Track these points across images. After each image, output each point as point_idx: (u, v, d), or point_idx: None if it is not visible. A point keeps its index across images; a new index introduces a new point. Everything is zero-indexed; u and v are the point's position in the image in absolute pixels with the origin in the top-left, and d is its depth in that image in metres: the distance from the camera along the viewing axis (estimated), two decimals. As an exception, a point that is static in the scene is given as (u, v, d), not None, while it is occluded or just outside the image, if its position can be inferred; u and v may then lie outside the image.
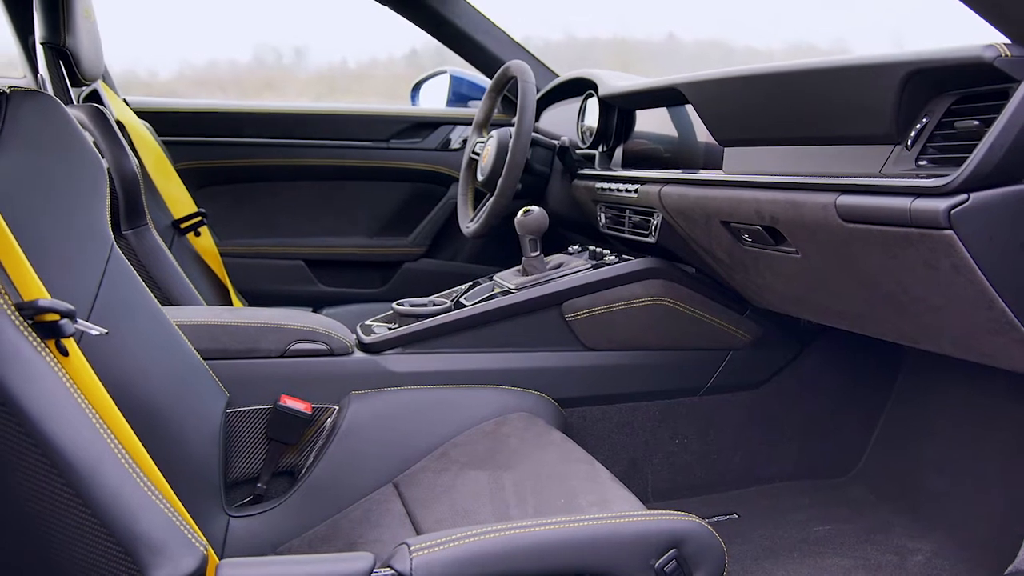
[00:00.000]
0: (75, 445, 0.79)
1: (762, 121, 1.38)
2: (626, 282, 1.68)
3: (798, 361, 1.84)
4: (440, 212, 2.66)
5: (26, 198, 1.09)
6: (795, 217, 1.25)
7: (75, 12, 1.77)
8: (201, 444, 1.33)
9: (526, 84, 1.89)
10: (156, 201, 2.01)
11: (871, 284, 1.25)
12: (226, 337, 1.48)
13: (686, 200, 1.52)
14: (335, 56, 6.01)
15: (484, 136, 2.16)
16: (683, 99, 1.60)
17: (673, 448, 1.78)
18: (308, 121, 2.60)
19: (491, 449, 1.42)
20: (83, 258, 1.18)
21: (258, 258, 2.56)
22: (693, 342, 1.75)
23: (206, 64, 5.87)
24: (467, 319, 1.62)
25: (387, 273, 2.67)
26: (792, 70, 1.26)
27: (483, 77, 2.66)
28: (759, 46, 5.74)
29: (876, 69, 1.11)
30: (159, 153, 2.15)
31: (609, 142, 1.99)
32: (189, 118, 2.54)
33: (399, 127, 2.64)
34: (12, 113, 1.12)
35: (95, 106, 1.68)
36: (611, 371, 1.70)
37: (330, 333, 1.54)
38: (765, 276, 1.50)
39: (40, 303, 0.81)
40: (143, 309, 1.28)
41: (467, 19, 2.49)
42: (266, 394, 1.46)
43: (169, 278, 1.73)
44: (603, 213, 1.90)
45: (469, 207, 2.17)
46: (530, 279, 1.70)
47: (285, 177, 2.59)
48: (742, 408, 1.82)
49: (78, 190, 1.20)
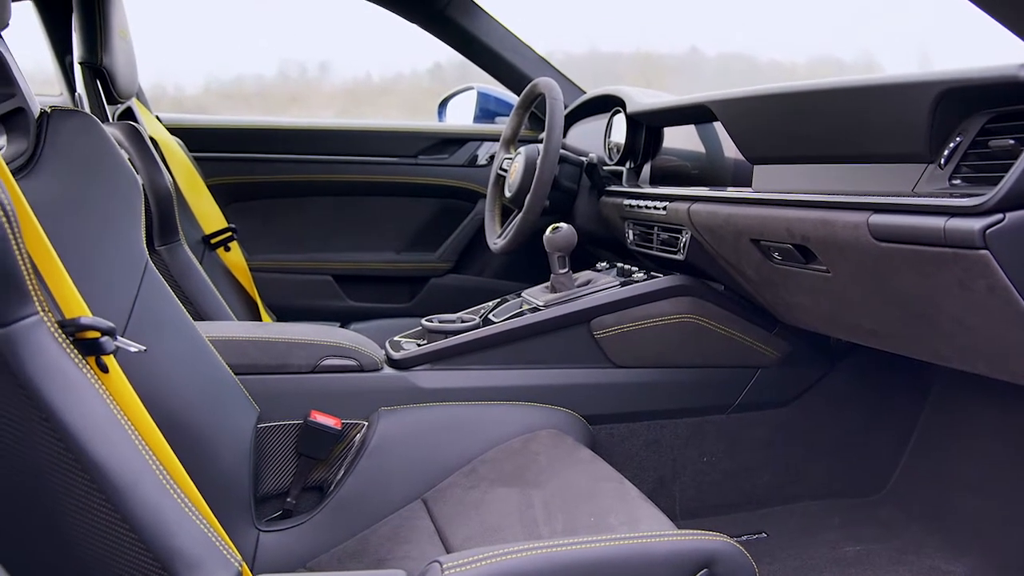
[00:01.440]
0: (115, 462, 0.80)
1: (792, 139, 1.38)
2: (655, 299, 1.68)
3: (828, 379, 1.83)
4: (467, 228, 2.67)
5: (65, 215, 1.11)
6: (826, 236, 1.24)
7: (112, 32, 1.81)
8: (232, 459, 1.34)
9: (554, 101, 1.90)
10: (187, 217, 2.04)
11: (904, 303, 1.24)
12: (257, 352, 1.49)
13: (715, 218, 1.52)
14: (359, 70, 6.05)
15: (512, 152, 2.17)
16: (712, 116, 1.60)
17: (701, 466, 1.77)
18: (336, 137, 2.63)
19: (520, 466, 1.42)
20: (119, 274, 1.20)
21: (287, 273, 2.58)
22: (722, 359, 1.74)
23: (233, 79, 5.92)
24: (496, 336, 1.63)
25: (414, 288, 2.68)
26: (824, 88, 1.26)
27: (510, 93, 2.68)
28: (783, 60, 5.70)
29: (909, 88, 1.11)
30: (190, 169, 2.18)
31: (637, 159, 2.00)
32: (220, 134, 2.57)
33: (427, 143, 2.65)
34: (52, 132, 1.14)
35: (130, 124, 1.71)
36: (639, 388, 1.70)
37: (360, 349, 1.55)
38: (795, 294, 1.50)
39: (82, 321, 0.82)
40: (177, 324, 1.29)
41: (495, 36, 2.51)
42: (296, 409, 1.47)
43: (201, 293, 1.74)
44: (631, 230, 1.90)
45: (497, 223, 2.18)
46: (559, 296, 1.70)
47: (314, 193, 2.62)
48: (771, 426, 1.80)
49: (115, 207, 1.22)
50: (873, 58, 4.84)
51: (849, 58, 5.13)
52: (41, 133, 1.14)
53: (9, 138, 1.14)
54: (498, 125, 2.74)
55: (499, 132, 2.48)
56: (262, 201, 2.59)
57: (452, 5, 2.44)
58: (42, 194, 1.05)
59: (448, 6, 2.44)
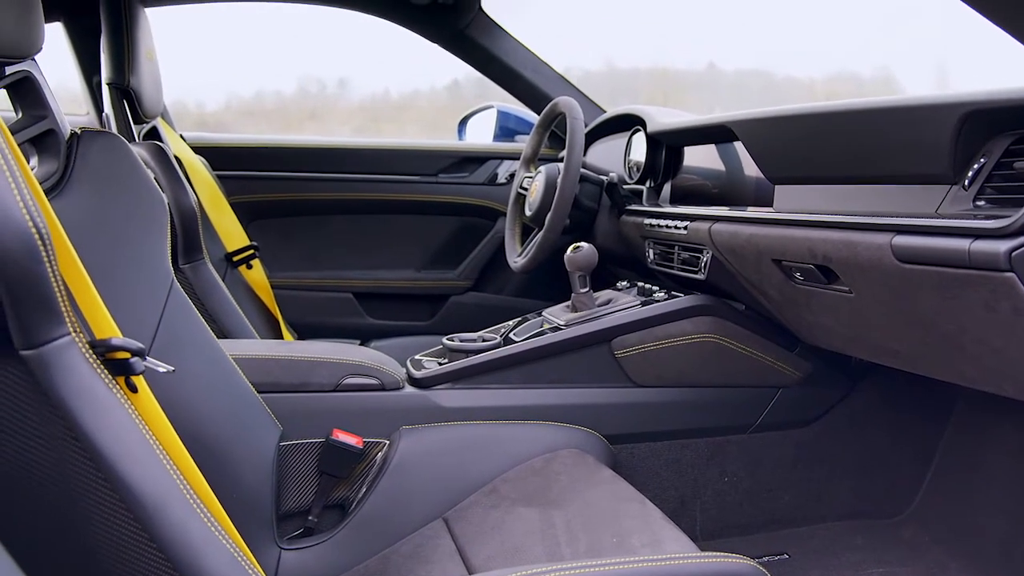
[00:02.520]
0: (143, 482, 0.81)
1: (814, 159, 1.38)
2: (676, 319, 1.68)
3: (850, 398, 1.82)
4: (487, 246, 2.68)
5: (94, 234, 1.13)
6: (849, 257, 1.24)
7: (139, 54, 1.83)
8: (255, 477, 1.34)
9: (574, 121, 1.91)
10: (210, 234, 2.06)
11: (928, 325, 1.24)
12: (279, 371, 1.50)
13: (737, 238, 1.52)
14: (378, 86, 6.09)
15: (532, 171, 2.18)
16: (732, 136, 1.60)
17: (722, 486, 1.77)
18: (357, 156, 2.65)
19: (541, 486, 1.42)
20: (145, 293, 1.21)
21: (307, 290, 2.60)
22: (743, 379, 1.74)
23: (253, 95, 5.98)
24: (517, 355, 1.63)
25: (434, 306, 2.69)
26: (846, 109, 1.26)
27: (529, 112, 2.69)
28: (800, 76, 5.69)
29: (932, 109, 1.11)
30: (213, 187, 2.20)
31: (657, 178, 2.00)
32: (243, 153, 2.59)
33: (447, 161, 2.67)
34: (82, 152, 1.16)
35: (156, 144, 1.73)
36: (660, 408, 1.69)
37: (381, 368, 1.56)
38: (817, 314, 1.49)
39: (112, 342, 0.83)
40: (201, 343, 1.30)
41: (515, 56, 2.52)
42: (318, 428, 1.48)
43: (224, 311, 1.76)
44: (652, 249, 1.90)
45: (517, 242, 2.19)
46: (580, 315, 1.71)
47: (334, 211, 2.64)
48: (792, 446, 1.80)
49: (142, 226, 1.24)
50: (891, 73, 4.82)
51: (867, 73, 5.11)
52: (71, 154, 1.16)
53: (40, 159, 1.16)
54: (518, 144, 2.75)
55: (519, 151, 2.49)
56: (283, 219, 2.62)
57: (473, 25, 2.46)
58: (72, 214, 1.07)
59: (469, 26, 2.46)
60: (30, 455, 0.81)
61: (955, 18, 1.01)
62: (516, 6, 2.56)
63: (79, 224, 1.06)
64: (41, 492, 0.82)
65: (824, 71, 5.48)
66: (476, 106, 2.97)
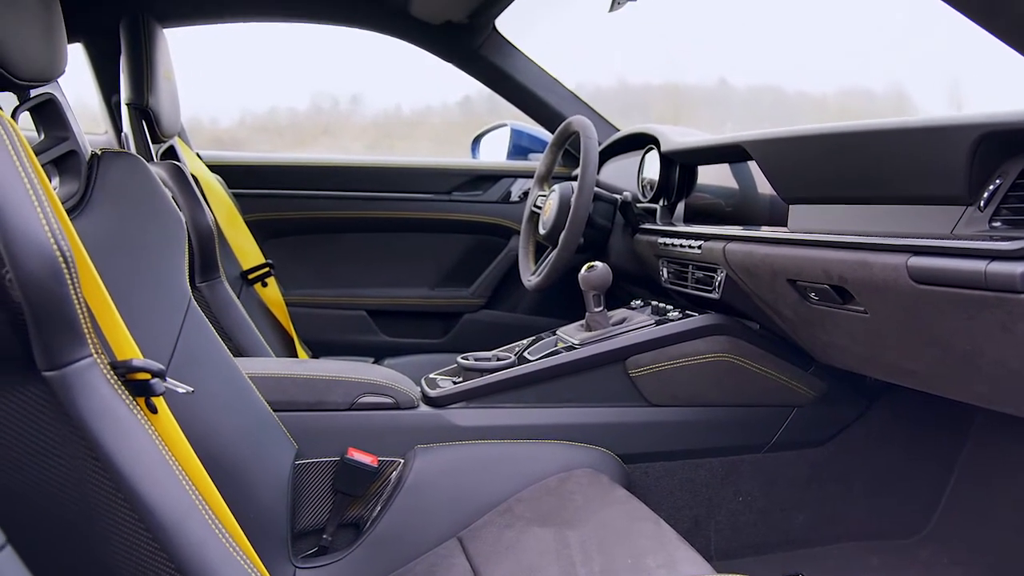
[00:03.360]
0: (162, 501, 0.82)
1: (829, 180, 1.38)
2: (690, 338, 1.68)
3: (865, 418, 1.81)
4: (500, 264, 2.69)
5: (114, 253, 1.14)
6: (864, 277, 1.24)
7: (157, 75, 1.85)
8: (271, 495, 1.35)
9: (588, 140, 1.92)
10: (226, 252, 2.08)
11: (944, 345, 1.24)
12: (295, 389, 1.51)
13: (751, 258, 1.52)
14: (390, 102, 6.12)
15: (546, 190, 2.19)
16: (746, 156, 1.61)
17: (737, 506, 1.76)
18: (372, 174, 2.66)
19: (556, 505, 1.42)
20: (163, 312, 1.22)
21: (322, 308, 2.61)
22: (757, 398, 1.73)
23: (266, 111, 6.01)
24: (531, 374, 1.63)
25: (448, 324, 2.70)
26: (861, 130, 1.27)
27: (543, 130, 2.70)
28: (812, 91, 5.68)
29: (948, 131, 1.11)
30: (229, 205, 2.22)
31: (671, 196, 2.00)
32: (258, 171, 2.61)
33: (460, 180, 2.68)
34: (102, 173, 1.18)
35: (174, 163, 1.75)
36: (674, 427, 1.69)
37: (396, 387, 1.56)
38: (832, 334, 1.49)
39: (133, 363, 0.84)
40: (218, 361, 1.31)
41: (528, 75, 2.54)
42: (333, 446, 1.48)
43: (240, 330, 1.77)
44: (665, 268, 1.90)
45: (531, 260, 2.19)
46: (594, 335, 1.71)
47: (349, 228, 2.65)
48: (807, 465, 1.79)
49: (160, 246, 1.25)
50: (903, 88, 4.81)
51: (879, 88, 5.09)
52: (92, 174, 1.17)
53: (62, 179, 1.18)
54: (531, 162, 2.77)
55: (532, 169, 2.51)
56: (298, 236, 2.63)
57: (487, 45, 2.48)
58: (92, 234, 1.08)
59: (483, 46, 2.48)
60: (50, 473, 0.82)
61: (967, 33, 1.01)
62: (528, 25, 2.58)
63: (99, 244, 1.07)
64: (61, 510, 0.83)
65: (836, 86, 5.47)
66: (489, 123, 2.99)
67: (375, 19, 2.44)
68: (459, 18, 2.34)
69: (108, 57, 2.22)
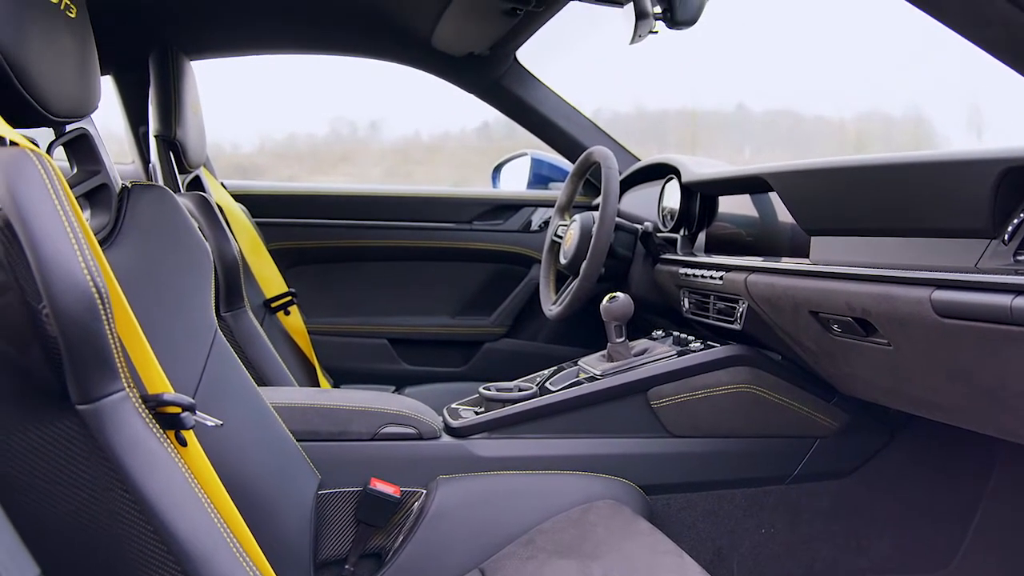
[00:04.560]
0: (192, 534, 0.83)
1: (851, 212, 1.38)
2: (712, 369, 1.68)
3: (889, 449, 1.80)
4: (521, 293, 2.70)
5: (143, 285, 1.16)
6: (888, 310, 1.24)
7: (185, 107, 1.89)
8: (294, 525, 1.36)
9: (609, 171, 1.93)
10: (250, 281, 2.10)
11: (968, 379, 1.23)
12: (319, 419, 1.52)
13: (773, 289, 1.52)
14: (408, 129, 6.17)
15: (566, 219, 2.20)
16: (767, 187, 1.61)
17: (760, 538, 1.75)
18: (394, 203, 2.69)
19: (578, 537, 1.42)
20: (190, 343, 1.24)
21: (343, 336, 2.62)
22: (779, 429, 1.72)
23: (286, 137, 6.08)
24: (553, 405, 1.64)
25: (469, 352, 2.70)
26: (883, 163, 1.27)
27: (563, 159, 2.72)
28: (830, 115, 5.67)
29: (971, 165, 1.11)
30: (253, 235, 2.25)
31: (692, 226, 2.01)
32: (281, 200, 2.64)
33: (481, 209, 2.70)
34: (132, 205, 1.20)
35: (201, 194, 1.77)
36: (697, 458, 1.69)
37: (418, 417, 1.57)
38: (854, 366, 1.48)
39: (165, 397, 0.86)
40: (242, 391, 1.33)
41: (548, 105, 2.56)
42: (356, 477, 1.49)
43: (263, 359, 1.78)
44: (687, 298, 1.91)
45: (551, 289, 2.20)
46: (615, 365, 1.71)
47: (371, 257, 2.67)
48: (830, 497, 1.77)
49: (188, 277, 1.27)
50: (922, 112, 4.79)
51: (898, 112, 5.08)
52: (122, 207, 1.20)
53: (93, 212, 1.20)
54: (552, 191, 2.78)
55: (552, 198, 2.52)
56: (320, 265, 2.65)
57: (507, 76, 2.51)
58: (122, 265, 1.10)
59: (504, 76, 2.51)
60: (81, 505, 0.83)
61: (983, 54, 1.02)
62: (548, 54, 2.60)
63: (129, 275, 1.09)
64: (91, 541, 0.84)
65: (854, 110, 5.46)
66: (507, 149, 3.01)
67: (398, 52, 2.48)
68: (481, 50, 2.37)
69: (137, 89, 2.27)
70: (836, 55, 5.01)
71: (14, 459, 0.84)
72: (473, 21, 2.14)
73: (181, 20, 2.17)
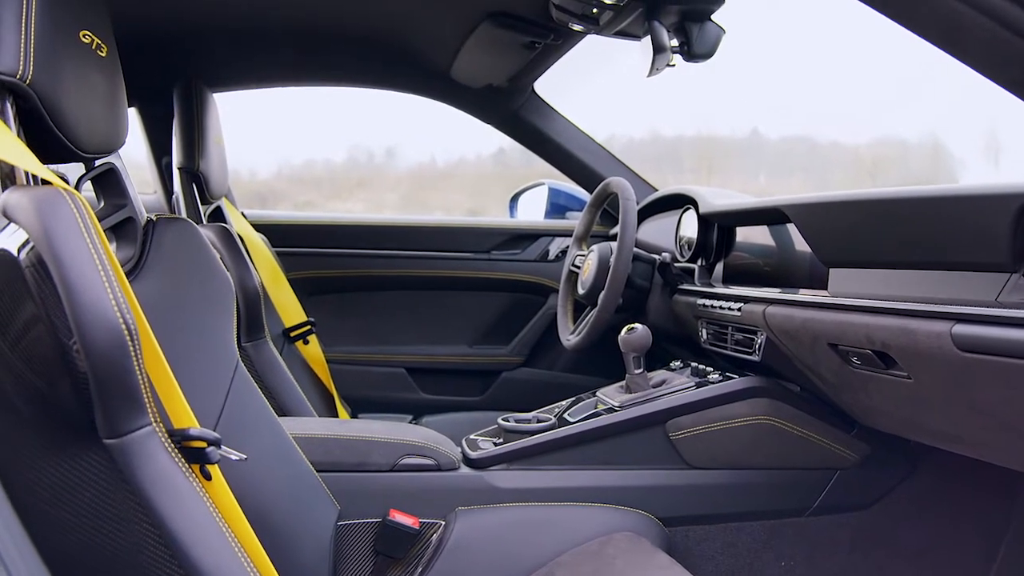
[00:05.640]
0: (216, 569, 0.84)
1: (870, 245, 1.38)
2: (731, 401, 1.68)
3: (910, 481, 1.78)
4: (539, 322, 2.70)
5: (166, 317, 1.17)
6: (908, 344, 1.24)
7: (208, 139, 1.92)
8: (314, 556, 1.36)
9: (627, 202, 1.94)
10: (269, 310, 2.11)
11: (990, 413, 1.22)
12: (338, 450, 1.53)
13: (792, 321, 1.52)
14: (424, 155, 6.23)
15: (584, 249, 2.21)
16: (785, 219, 1.61)
17: (779, 571, 1.73)
18: (411, 233, 2.71)
19: (596, 570, 1.42)
20: (213, 374, 1.25)
21: (361, 365, 2.63)
22: (799, 461, 1.72)
23: (303, 163, 6.14)
24: (572, 436, 1.64)
25: (486, 381, 2.70)
26: (902, 197, 1.27)
27: (579, 188, 2.74)
28: (845, 141, 5.68)
29: (990, 200, 1.11)
30: (273, 264, 2.27)
31: (709, 257, 2.01)
32: (301, 230, 2.67)
33: (499, 239, 2.72)
34: (156, 238, 1.22)
35: (223, 226, 1.80)
36: (715, 490, 1.68)
37: (437, 448, 1.57)
38: (874, 398, 1.48)
39: (191, 432, 0.87)
40: (263, 422, 1.34)
41: (566, 135, 2.58)
42: (375, 508, 1.49)
43: (283, 389, 1.80)
44: (705, 329, 1.91)
45: (569, 319, 2.21)
46: (634, 397, 1.71)
47: (389, 286, 2.69)
48: (851, 530, 1.76)
49: (211, 309, 1.28)
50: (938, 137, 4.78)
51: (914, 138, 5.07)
52: (147, 240, 1.21)
53: (119, 244, 1.22)
54: (569, 221, 2.79)
55: (570, 227, 2.53)
56: (339, 294, 2.67)
57: (525, 107, 2.53)
58: (147, 297, 1.11)
59: (521, 107, 2.53)
60: (106, 537, 0.84)
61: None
62: (564, 83, 2.63)
63: (153, 307, 1.10)
64: (114, 572, 0.85)
65: (869, 135, 5.46)
66: (522, 175, 3.03)
67: (418, 83, 2.51)
68: (499, 82, 2.39)
69: (160, 121, 2.30)
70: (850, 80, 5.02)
71: (41, 491, 0.85)
72: (492, 54, 2.17)
73: (205, 54, 2.21)
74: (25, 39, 0.90)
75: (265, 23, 2.07)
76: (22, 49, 0.90)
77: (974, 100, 3.13)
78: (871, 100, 5.47)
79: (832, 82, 5.34)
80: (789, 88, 6.23)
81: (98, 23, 1.06)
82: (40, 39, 0.92)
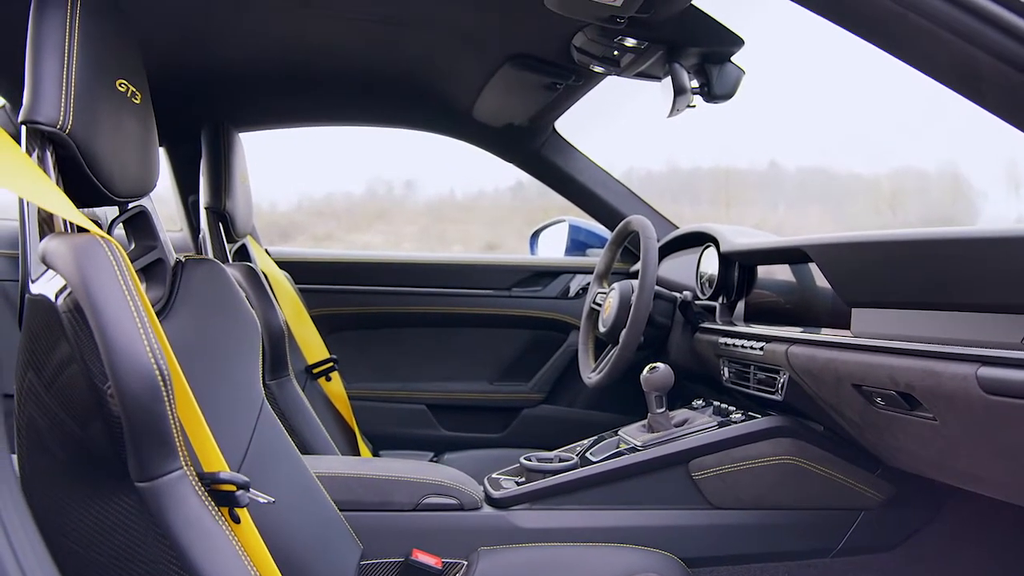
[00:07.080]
0: None
1: (893, 286, 1.38)
2: (754, 440, 1.67)
3: (936, 521, 1.76)
4: (559, 359, 2.70)
5: (194, 357, 1.18)
6: (932, 386, 1.23)
7: (234, 179, 1.95)
8: None
9: (648, 240, 1.95)
10: (293, 347, 2.13)
11: (1016, 455, 1.22)
12: (361, 489, 1.53)
13: (815, 362, 1.52)
14: (443, 187, 6.27)
15: (605, 287, 2.22)
16: (807, 258, 1.62)
17: None
18: (433, 270, 2.72)
19: (620, 612, 1.41)
20: (239, 413, 1.26)
21: (382, 402, 2.64)
22: (823, 501, 1.70)
23: (323, 196, 6.20)
24: (594, 476, 1.64)
25: (507, 418, 2.70)
26: (925, 238, 1.27)
27: (600, 225, 2.75)
28: (863, 172, 5.67)
29: (1014, 242, 1.12)
30: (296, 301, 2.29)
31: (730, 295, 2.01)
32: (323, 267, 2.69)
33: (520, 276, 2.73)
34: (185, 279, 1.24)
35: (248, 265, 1.82)
36: (739, 531, 1.67)
37: (460, 487, 1.57)
38: (899, 439, 1.47)
39: (221, 475, 0.88)
40: (288, 462, 1.34)
41: (587, 174, 2.60)
42: (398, 547, 1.49)
43: (307, 427, 1.81)
44: (727, 368, 1.90)
45: (590, 357, 2.21)
46: (656, 436, 1.71)
47: (410, 323, 2.70)
48: (876, 571, 1.74)
49: (237, 349, 1.30)
50: (958, 169, 4.77)
51: (933, 168, 5.06)
52: (176, 280, 1.23)
53: (148, 285, 1.24)
54: (590, 258, 2.80)
55: (590, 264, 2.54)
56: (361, 331, 2.69)
57: (546, 146, 2.56)
58: (176, 338, 1.13)
59: (543, 146, 2.55)
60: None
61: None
62: (585, 122, 2.65)
63: (182, 348, 1.12)
64: None
65: (888, 166, 5.45)
66: (540, 208, 3.05)
67: (440, 123, 2.54)
68: (520, 121, 2.42)
69: (188, 161, 2.34)
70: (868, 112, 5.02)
71: (72, 533, 0.86)
72: (513, 95, 2.20)
73: (233, 97, 2.25)
74: (66, 91, 0.93)
75: (292, 68, 2.11)
76: (63, 100, 0.92)
77: (994, 131, 3.13)
78: (889, 131, 5.47)
79: (850, 113, 5.35)
80: (807, 119, 6.23)
81: (133, 71, 1.09)
82: (80, 90, 0.94)
